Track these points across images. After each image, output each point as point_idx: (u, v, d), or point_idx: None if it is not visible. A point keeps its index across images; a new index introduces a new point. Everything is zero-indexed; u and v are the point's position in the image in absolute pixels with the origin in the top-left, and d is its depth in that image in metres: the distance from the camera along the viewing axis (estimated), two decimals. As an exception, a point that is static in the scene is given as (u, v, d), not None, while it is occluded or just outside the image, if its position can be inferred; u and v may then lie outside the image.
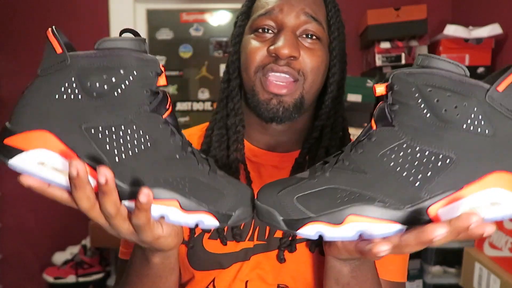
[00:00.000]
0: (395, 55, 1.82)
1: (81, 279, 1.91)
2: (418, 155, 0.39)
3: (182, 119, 2.36)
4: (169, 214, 0.41)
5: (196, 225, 0.42)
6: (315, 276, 0.60)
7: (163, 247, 0.46)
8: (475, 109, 0.38)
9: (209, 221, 0.42)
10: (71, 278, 1.91)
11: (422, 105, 0.38)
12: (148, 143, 0.41)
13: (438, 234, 0.35)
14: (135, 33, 0.43)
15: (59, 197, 0.42)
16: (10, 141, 0.39)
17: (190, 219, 0.41)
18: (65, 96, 0.39)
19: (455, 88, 0.38)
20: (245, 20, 0.64)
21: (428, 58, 0.40)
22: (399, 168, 0.39)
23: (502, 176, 0.38)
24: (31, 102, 0.41)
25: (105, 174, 0.37)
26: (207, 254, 0.61)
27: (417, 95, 0.38)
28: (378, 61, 1.83)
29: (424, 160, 0.38)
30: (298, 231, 0.41)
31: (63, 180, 0.40)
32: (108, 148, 0.40)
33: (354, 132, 1.84)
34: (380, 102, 0.42)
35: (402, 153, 0.39)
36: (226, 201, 0.43)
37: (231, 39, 0.66)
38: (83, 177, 0.38)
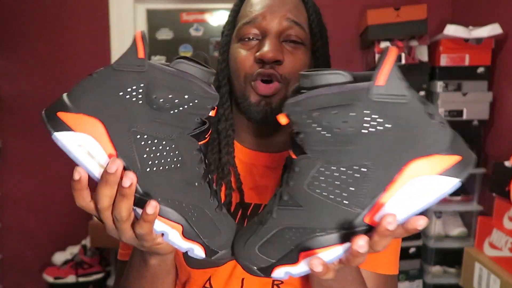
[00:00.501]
0: (395, 55, 1.82)
1: (81, 279, 1.91)
2: (336, 174, 0.39)
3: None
4: (170, 234, 0.44)
5: (186, 251, 0.45)
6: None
7: (161, 252, 0.48)
8: (365, 111, 0.37)
9: (199, 252, 0.46)
10: (71, 278, 1.91)
11: (319, 129, 0.38)
12: (178, 164, 0.43)
13: (360, 245, 0.37)
14: (206, 58, 0.46)
15: (83, 198, 0.43)
16: (63, 116, 0.41)
17: (185, 245, 0.45)
18: (128, 96, 0.41)
19: (338, 102, 0.37)
20: (231, 29, 0.67)
21: (310, 77, 0.39)
22: (325, 193, 0.39)
23: (417, 164, 0.37)
24: (96, 88, 0.42)
25: (131, 178, 0.40)
26: None
27: (309, 121, 0.38)
28: (378, 61, 1.82)
29: (343, 178, 0.39)
30: (271, 275, 0.44)
31: (96, 170, 0.42)
32: (145, 156, 0.42)
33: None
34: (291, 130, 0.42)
35: (322, 178, 0.39)
36: (220, 239, 0.46)
37: (219, 48, 0.69)
38: (118, 175, 0.40)
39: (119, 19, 2.11)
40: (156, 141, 0.42)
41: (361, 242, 0.37)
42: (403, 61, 1.81)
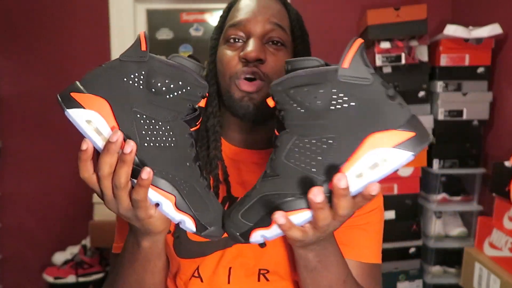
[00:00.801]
0: (395, 55, 1.82)
1: (81, 279, 1.91)
2: (308, 146, 0.45)
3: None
4: (164, 204, 0.49)
5: (178, 223, 0.51)
6: (294, 259, 0.63)
7: (152, 228, 0.52)
8: (333, 90, 0.43)
9: (190, 225, 0.51)
10: (71, 278, 1.91)
11: (295, 105, 0.45)
12: (172, 144, 0.50)
13: (315, 193, 0.42)
14: (197, 59, 0.53)
15: (87, 169, 0.49)
16: (76, 95, 0.49)
17: (177, 216, 0.50)
18: (131, 82, 0.49)
19: (310, 81, 0.44)
20: (219, 33, 0.72)
21: (291, 62, 0.47)
22: (298, 162, 0.46)
23: (376, 137, 0.42)
24: (104, 74, 0.50)
25: (132, 146, 0.46)
26: (191, 243, 0.66)
27: (287, 99, 0.46)
28: (378, 61, 1.83)
29: (313, 149, 0.45)
30: (249, 240, 0.49)
31: (99, 142, 0.48)
32: (143, 132, 0.49)
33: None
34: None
35: (296, 149, 0.46)
36: (209, 215, 0.52)
37: (209, 50, 0.74)
38: (118, 145, 0.46)
39: (119, 19, 2.11)
40: (153, 121, 0.49)
41: (316, 190, 0.42)
42: (403, 61, 1.81)
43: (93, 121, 0.48)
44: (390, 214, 1.86)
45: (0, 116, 2.12)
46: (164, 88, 0.49)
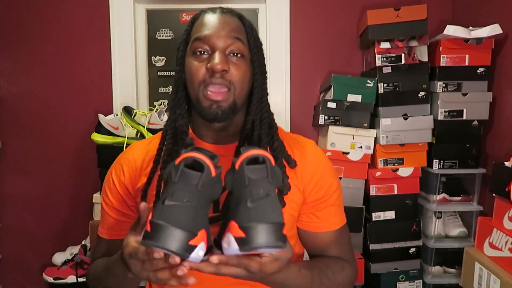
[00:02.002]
0: (395, 55, 1.82)
1: (81, 279, 1.91)
2: None
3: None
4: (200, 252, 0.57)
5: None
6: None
7: None
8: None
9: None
10: (71, 278, 1.91)
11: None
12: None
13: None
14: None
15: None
16: (192, 241, 0.54)
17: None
18: (208, 203, 0.60)
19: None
20: (185, 45, 0.82)
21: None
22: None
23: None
24: (195, 209, 0.56)
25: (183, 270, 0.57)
26: None
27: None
28: (378, 61, 1.83)
29: None
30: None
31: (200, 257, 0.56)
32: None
33: (354, 132, 1.84)
34: None
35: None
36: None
37: (176, 61, 0.84)
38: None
39: (119, 19, 2.11)
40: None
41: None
42: (403, 61, 1.81)
43: (201, 249, 0.55)
44: (390, 214, 1.86)
45: (0, 116, 2.12)
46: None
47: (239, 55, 0.79)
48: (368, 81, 1.84)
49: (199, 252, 0.54)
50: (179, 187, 0.56)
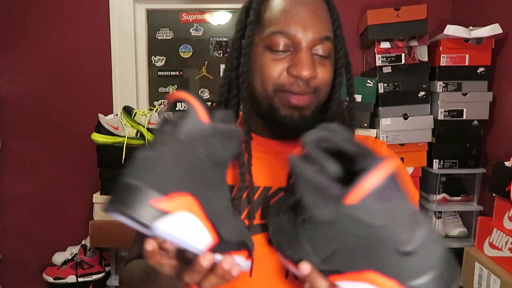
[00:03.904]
0: (395, 55, 1.82)
1: (81, 279, 1.91)
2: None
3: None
4: (242, 263, 0.50)
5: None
6: None
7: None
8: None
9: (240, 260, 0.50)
10: (71, 278, 1.91)
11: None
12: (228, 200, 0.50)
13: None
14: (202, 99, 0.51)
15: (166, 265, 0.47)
16: (156, 202, 0.37)
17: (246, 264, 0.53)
18: (198, 162, 0.42)
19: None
20: (254, 29, 0.65)
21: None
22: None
23: (377, 277, 0.39)
24: (169, 162, 0.40)
25: (236, 268, 0.47)
26: None
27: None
28: (378, 61, 1.83)
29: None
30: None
31: (200, 244, 0.41)
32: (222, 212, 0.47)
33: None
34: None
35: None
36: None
37: (233, 45, 0.68)
38: (208, 267, 0.44)
39: (119, 19, 2.11)
40: (220, 191, 0.47)
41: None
42: (403, 61, 1.81)
43: (187, 224, 0.39)
44: (390, 214, 1.86)
45: (0, 116, 2.12)
46: (225, 158, 0.46)
47: (325, 57, 0.65)
48: (368, 81, 1.84)
49: (173, 224, 0.38)
50: (158, 138, 0.41)
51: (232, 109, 0.68)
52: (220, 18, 2.30)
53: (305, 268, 0.45)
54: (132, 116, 1.92)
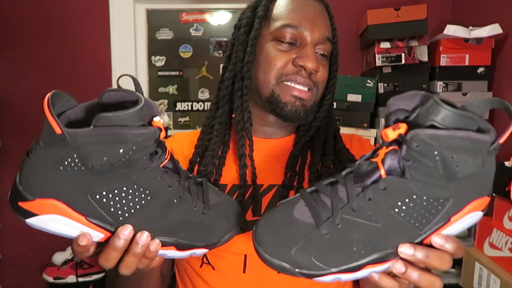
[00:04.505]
0: (395, 55, 1.82)
1: (81, 279, 1.91)
2: (425, 203, 0.42)
3: (182, 119, 2.36)
4: (167, 254, 0.49)
5: (191, 255, 0.51)
6: None
7: (155, 266, 0.52)
8: (478, 161, 0.41)
9: (200, 251, 0.51)
10: (71, 278, 1.91)
11: (439, 165, 0.40)
12: (148, 197, 0.46)
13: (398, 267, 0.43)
14: (135, 82, 0.47)
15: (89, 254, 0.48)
16: (24, 205, 0.44)
17: (185, 254, 0.50)
18: (69, 168, 0.43)
19: (466, 147, 0.40)
20: (262, 23, 0.69)
21: (450, 115, 0.40)
22: (408, 218, 0.43)
23: (475, 203, 0.43)
24: (38, 170, 0.44)
25: (144, 240, 0.46)
26: None
27: (437, 158, 0.40)
28: (378, 61, 1.83)
29: (428, 207, 0.42)
30: (316, 279, 0.44)
31: (74, 234, 0.46)
32: (112, 210, 0.45)
33: (354, 132, 1.84)
34: (389, 148, 0.42)
35: (412, 204, 0.42)
36: (215, 235, 0.52)
37: (239, 39, 0.71)
38: (127, 241, 0.46)
39: (119, 19, 2.11)
40: (116, 191, 0.44)
41: (398, 266, 0.43)
42: (403, 61, 1.81)
43: (58, 221, 0.44)
44: (390, 214, 1.86)
45: (0, 116, 2.12)
46: (107, 166, 0.42)
47: (325, 56, 0.70)
48: (368, 81, 1.84)
49: (40, 222, 0.44)
50: (35, 146, 0.46)
51: (245, 103, 0.70)
52: (220, 18, 2.30)
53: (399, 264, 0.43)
54: (132, 116, 1.92)
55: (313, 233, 0.44)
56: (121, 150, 0.42)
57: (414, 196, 0.42)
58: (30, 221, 0.45)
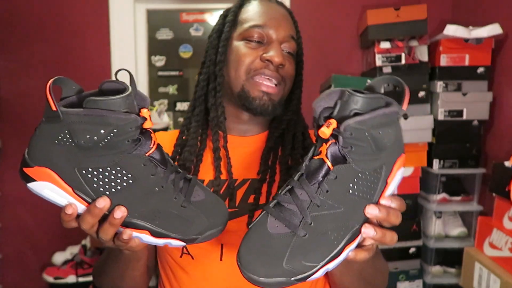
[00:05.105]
0: (395, 55, 1.82)
1: (81, 279, 1.91)
2: (368, 177, 0.50)
3: (182, 119, 2.36)
4: (143, 238, 0.53)
5: (166, 244, 0.53)
6: None
7: (134, 249, 0.57)
8: (396, 130, 0.51)
9: (176, 243, 0.53)
10: (71, 278, 1.91)
11: (371, 143, 0.48)
12: (130, 181, 0.51)
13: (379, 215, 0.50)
14: (130, 74, 0.52)
15: (71, 224, 0.54)
16: (27, 170, 0.51)
17: (159, 241, 0.53)
18: (61, 143, 0.49)
19: (387, 122, 0.49)
20: (232, 27, 0.77)
21: (366, 100, 0.48)
22: (361, 194, 0.49)
23: (399, 161, 0.53)
24: (40, 142, 0.51)
25: (122, 212, 0.50)
26: None
27: (369, 138, 0.48)
28: (378, 61, 1.83)
29: (372, 179, 0.50)
30: (309, 279, 0.47)
31: (63, 203, 0.52)
32: (95, 186, 0.50)
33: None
34: (328, 143, 0.49)
35: (360, 181, 0.49)
36: (194, 229, 0.53)
37: (213, 42, 0.79)
38: (103, 210, 0.51)
39: (119, 19, 2.11)
40: (100, 170, 0.50)
41: (368, 230, 0.50)
42: (403, 61, 1.81)
43: (50, 189, 0.51)
44: (390, 214, 1.86)
45: (0, 116, 2.12)
46: (91, 143, 0.48)
47: (290, 53, 0.76)
48: (368, 81, 1.84)
49: (37, 187, 0.51)
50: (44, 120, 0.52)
51: (218, 100, 0.76)
52: (220, 18, 2.30)
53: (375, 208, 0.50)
54: (132, 116, 1.92)
55: (293, 240, 0.47)
56: (102, 131, 0.47)
57: (360, 175, 0.49)
58: (30, 185, 0.51)
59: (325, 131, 0.48)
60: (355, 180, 0.49)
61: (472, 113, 1.80)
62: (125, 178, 0.50)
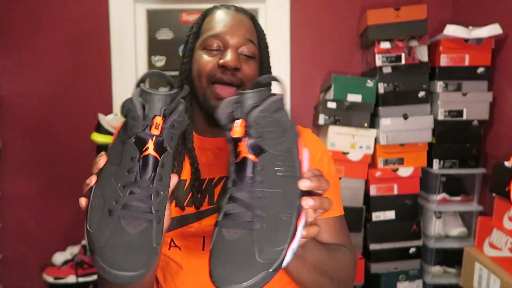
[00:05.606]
0: (395, 55, 1.82)
1: (81, 279, 1.91)
2: (286, 157, 0.55)
3: (182, 119, 2.36)
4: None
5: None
6: None
7: None
8: (286, 111, 0.59)
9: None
10: (71, 278, 1.91)
11: (277, 126, 0.55)
12: (119, 162, 0.59)
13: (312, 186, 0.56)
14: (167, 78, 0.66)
15: None
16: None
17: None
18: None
19: (281, 106, 0.57)
20: (195, 38, 0.83)
21: (248, 96, 0.56)
22: (286, 173, 0.55)
23: (301, 138, 0.60)
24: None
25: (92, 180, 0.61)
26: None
27: (273, 122, 0.54)
28: (378, 61, 1.83)
29: (288, 158, 0.56)
30: (284, 263, 0.50)
31: None
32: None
33: (354, 132, 1.84)
34: (243, 141, 0.54)
35: (281, 163, 0.55)
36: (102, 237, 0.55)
37: (183, 53, 0.84)
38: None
39: (119, 19, 2.11)
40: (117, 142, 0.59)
41: (308, 201, 0.55)
42: (403, 61, 1.81)
43: None
44: (390, 214, 1.86)
45: (0, 116, 2.12)
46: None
47: (250, 55, 0.80)
48: (368, 81, 1.84)
49: None
50: None
51: (186, 104, 0.79)
52: (220, 18, 2.30)
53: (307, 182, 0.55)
54: (132, 116, 1.92)
55: (255, 235, 0.50)
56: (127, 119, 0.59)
57: (279, 157, 0.54)
58: None
59: (239, 130, 0.54)
60: (277, 163, 0.54)
61: (472, 113, 1.80)
62: (118, 157, 0.58)
